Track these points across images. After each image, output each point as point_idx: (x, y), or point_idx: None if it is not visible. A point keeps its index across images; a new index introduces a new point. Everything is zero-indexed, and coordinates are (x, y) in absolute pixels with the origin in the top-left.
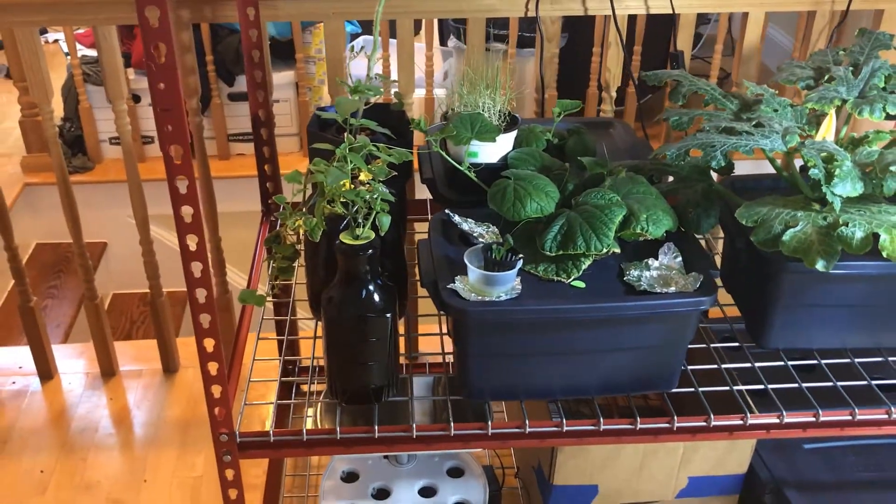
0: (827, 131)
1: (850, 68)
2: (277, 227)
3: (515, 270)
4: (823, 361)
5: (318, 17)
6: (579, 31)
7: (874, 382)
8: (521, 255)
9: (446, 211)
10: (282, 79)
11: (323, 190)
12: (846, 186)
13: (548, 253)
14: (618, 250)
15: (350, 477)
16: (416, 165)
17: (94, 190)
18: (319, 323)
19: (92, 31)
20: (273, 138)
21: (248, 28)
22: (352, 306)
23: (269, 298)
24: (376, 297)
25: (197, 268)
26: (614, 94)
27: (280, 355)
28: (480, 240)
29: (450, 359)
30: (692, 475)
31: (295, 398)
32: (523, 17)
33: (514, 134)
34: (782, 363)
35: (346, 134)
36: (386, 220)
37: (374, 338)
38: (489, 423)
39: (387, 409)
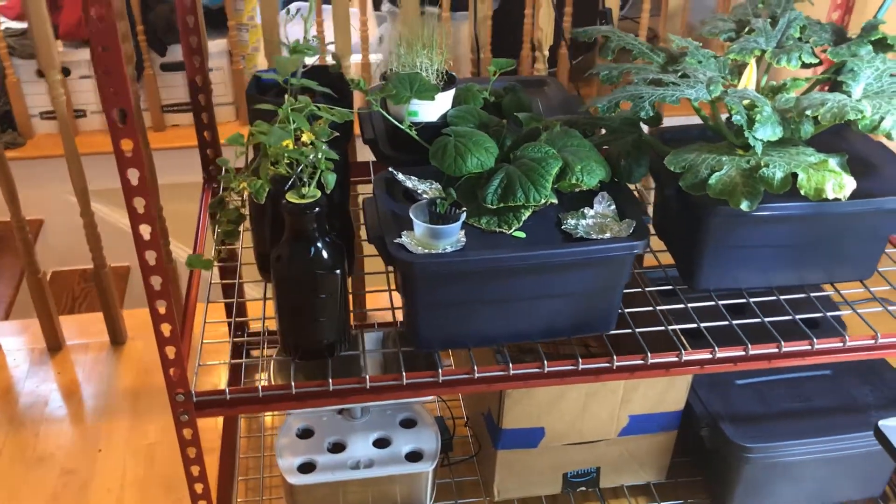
0: (748, 80)
1: (769, 20)
2: (220, 192)
3: (459, 223)
4: (752, 300)
5: None
6: None
7: (798, 317)
8: (464, 209)
9: (390, 169)
10: (214, 47)
11: (266, 151)
12: (766, 131)
13: (489, 206)
14: (555, 201)
15: (305, 433)
16: (356, 127)
17: (26, 166)
18: (269, 284)
19: (19, 1)
20: (211, 105)
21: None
22: (301, 264)
23: (216, 263)
24: (325, 255)
25: (146, 230)
26: (546, 53)
27: (232, 317)
28: (424, 196)
29: (398, 314)
30: (633, 413)
31: (246, 359)
32: None
33: (451, 92)
34: (713, 303)
35: (286, 95)
36: (331, 178)
37: (324, 294)
38: (440, 370)
39: (339, 365)
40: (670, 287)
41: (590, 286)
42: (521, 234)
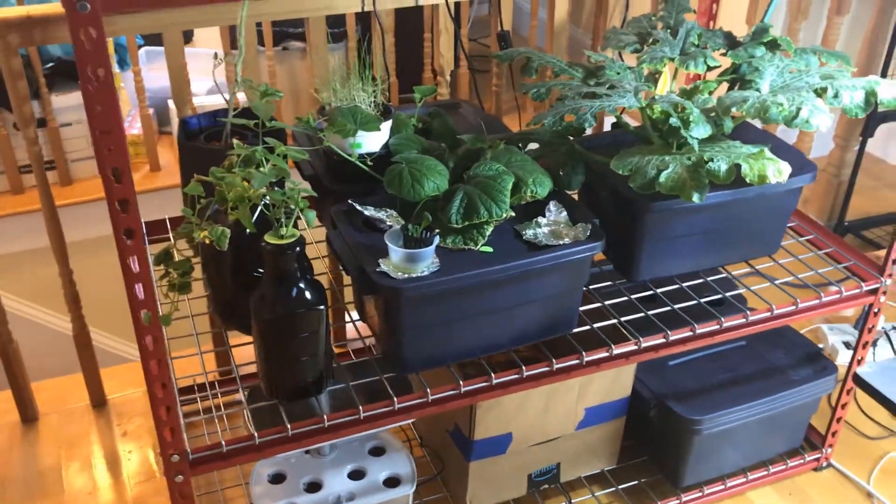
0: (664, 86)
1: (668, 31)
2: (166, 244)
3: (434, 245)
4: (659, 290)
5: (157, 30)
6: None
7: (703, 300)
8: (437, 231)
9: (349, 201)
10: (70, 101)
11: (223, 196)
12: (700, 129)
13: (454, 225)
14: (513, 214)
15: (277, 478)
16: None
17: None
18: (230, 332)
19: None
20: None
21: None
22: (285, 304)
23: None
24: (307, 293)
25: (140, 289)
26: (448, 78)
27: (202, 370)
28: (384, 224)
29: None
30: (588, 406)
31: (228, 410)
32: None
33: (390, 122)
34: (650, 292)
35: (262, 137)
36: (311, 216)
37: (310, 332)
38: (428, 390)
39: (318, 400)
40: (609, 283)
41: (557, 289)
42: (489, 249)
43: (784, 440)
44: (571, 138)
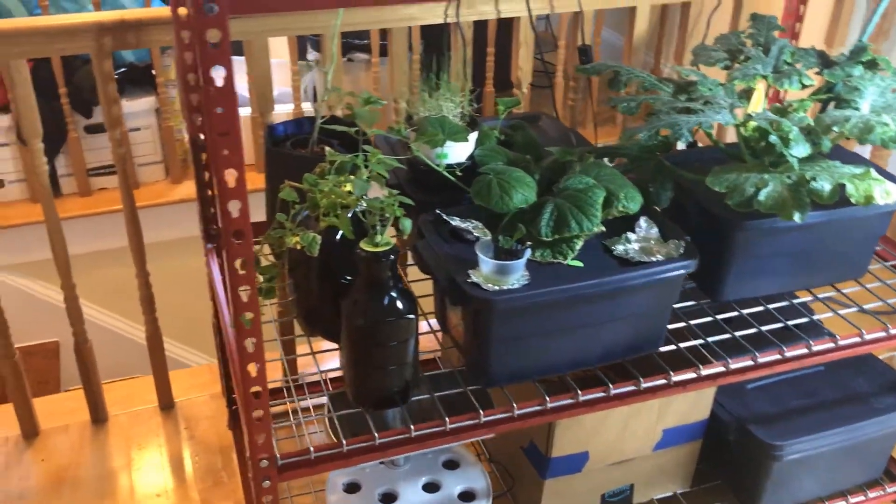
0: (757, 103)
1: (759, 48)
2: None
3: (526, 258)
4: (744, 311)
5: (241, 37)
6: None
7: (790, 323)
8: (528, 244)
9: (437, 211)
10: (140, 105)
11: (316, 204)
12: (801, 148)
13: (544, 238)
14: (604, 229)
15: (352, 488)
16: None
17: None
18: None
19: None
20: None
21: (184, 51)
22: (378, 312)
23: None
24: (399, 301)
25: (244, 293)
26: (525, 91)
27: (286, 375)
28: (472, 234)
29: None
30: (666, 427)
31: (307, 416)
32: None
33: (475, 133)
34: (735, 313)
35: (363, 147)
36: (408, 224)
37: (400, 341)
38: (514, 405)
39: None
40: (693, 302)
41: (647, 307)
42: (579, 263)
43: (864, 470)
44: (658, 154)
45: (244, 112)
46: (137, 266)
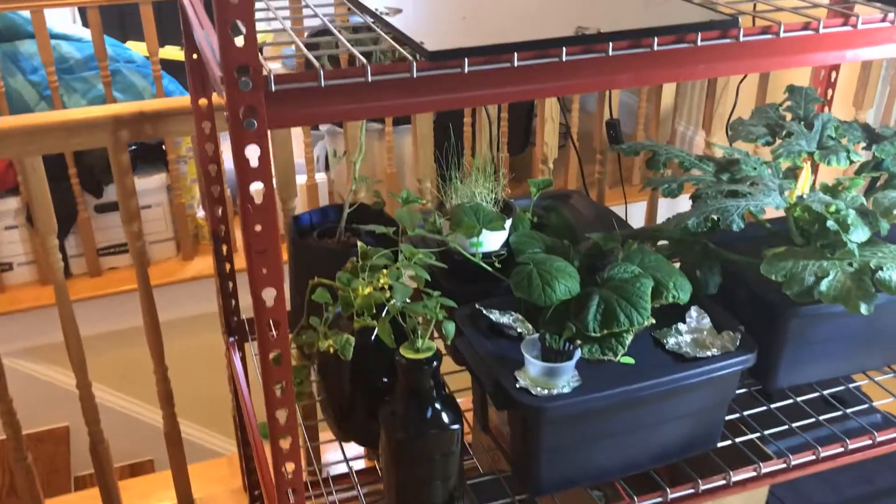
0: (805, 182)
1: (801, 122)
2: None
3: (576, 359)
4: (825, 392)
5: None
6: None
7: (849, 411)
8: (578, 342)
9: (476, 305)
10: (151, 183)
11: (350, 303)
12: (860, 233)
13: (591, 334)
14: (654, 321)
15: None
16: None
17: None
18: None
19: None
20: (231, 253)
21: (205, 142)
22: (420, 424)
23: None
24: (444, 413)
25: (279, 389)
26: (552, 166)
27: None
28: (514, 330)
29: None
30: None
31: None
32: None
33: (510, 220)
34: (790, 401)
35: (401, 245)
36: (451, 328)
37: (444, 453)
38: None
39: None
40: (744, 390)
41: (704, 405)
42: (630, 360)
43: None
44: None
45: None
46: (155, 360)
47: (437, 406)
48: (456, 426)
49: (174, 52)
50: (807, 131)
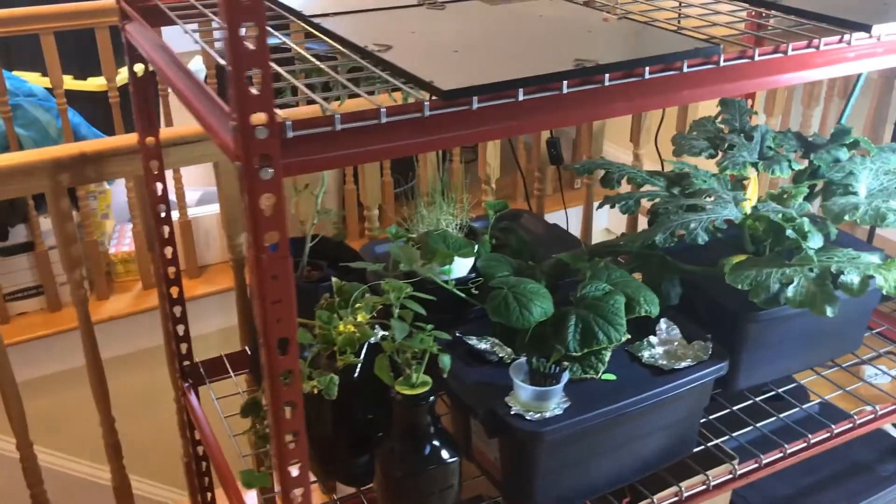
0: (754, 192)
1: (741, 135)
2: (255, 392)
3: (565, 381)
4: (780, 390)
5: (210, 160)
6: None
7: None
8: (566, 364)
9: (457, 333)
10: None
11: (331, 341)
12: (816, 240)
13: (573, 353)
14: (629, 336)
15: None
16: None
17: None
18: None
19: None
20: (182, 298)
21: (154, 181)
22: (419, 462)
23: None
24: (442, 448)
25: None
26: (494, 186)
27: None
28: (495, 356)
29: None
30: None
31: None
32: None
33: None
34: (749, 402)
35: (390, 281)
36: (447, 360)
37: (444, 488)
38: None
39: None
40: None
41: (684, 413)
42: (611, 376)
43: None
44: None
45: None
46: (102, 413)
47: (436, 442)
48: (454, 459)
49: (70, 83)
50: (747, 142)
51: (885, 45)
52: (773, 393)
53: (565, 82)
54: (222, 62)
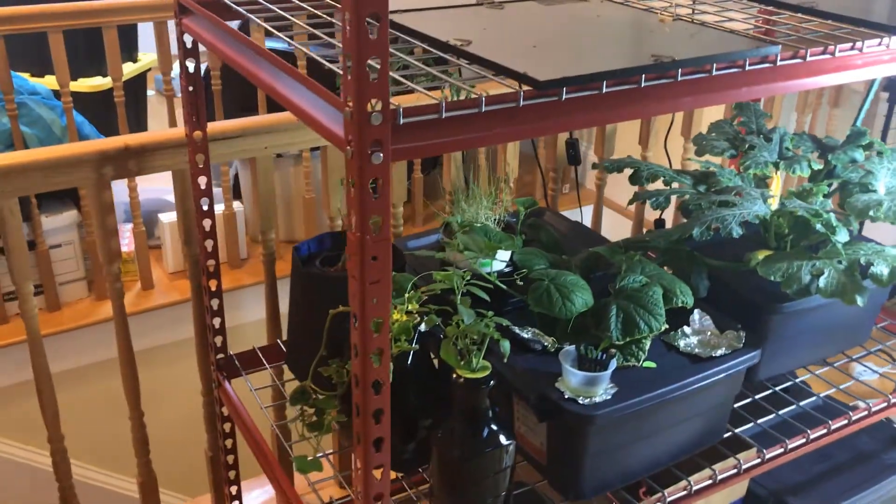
0: (776, 189)
1: (761, 136)
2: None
3: (612, 367)
4: (797, 380)
5: (251, 154)
6: None
7: (822, 395)
8: (614, 352)
9: (503, 324)
10: (61, 221)
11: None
12: (843, 234)
13: (616, 342)
14: (667, 326)
15: None
16: None
17: None
18: None
19: None
20: (220, 291)
21: (199, 175)
22: (478, 444)
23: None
24: (499, 431)
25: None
26: (512, 185)
27: None
28: (539, 344)
29: None
30: None
31: None
32: None
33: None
34: (769, 391)
35: (454, 270)
36: (507, 345)
37: (499, 470)
38: None
39: None
40: None
41: (719, 400)
42: (652, 364)
43: None
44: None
45: (173, 217)
46: (132, 407)
47: (493, 426)
48: (510, 442)
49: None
50: (766, 143)
51: None
52: (770, 391)
53: (643, 76)
54: (311, 53)
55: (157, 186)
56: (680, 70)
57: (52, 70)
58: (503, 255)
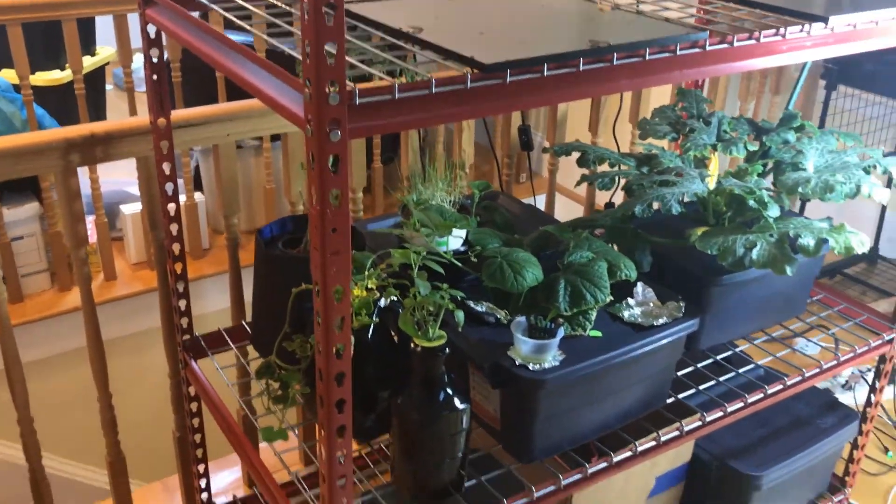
0: (714, 170)
1: (700, 120)
2: (268, 357)
3: (561, 335)
4: (738, 350)
5: (213, 141)
6: None
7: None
8: (562, 321)
9: (458, 298)
10: (22, 213)
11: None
12: (774, 209)
13: (564, 313)
14: (612, 298)
15: None
16: None
17: None
18: None
19: None
20: (186, 274)
21: (163, 161)
22: (435, 407)
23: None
24: (454, 395)
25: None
26: (468, 171)
27: None
28: (492, 317)
29: None
30: (658, 474)
31: None
32: None
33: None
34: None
35: (412, 246)
36: (461, 315)
37: (455, 432)
38: (560, 476)
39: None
40: None
41: (661, 366)
42: (598, 333)
43: (816, 487)
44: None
45: (135, 208)
46: (100, 390)
47: (449, 390)
48: (465, 405)
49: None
50: (706, 127)
51: (838, 35)
52: (711, 360)
53: (581, 60)
54: (273, 42)
55: (119, 178)
56: (615, 54)
57: (11, 63)
58: (459, 234)
